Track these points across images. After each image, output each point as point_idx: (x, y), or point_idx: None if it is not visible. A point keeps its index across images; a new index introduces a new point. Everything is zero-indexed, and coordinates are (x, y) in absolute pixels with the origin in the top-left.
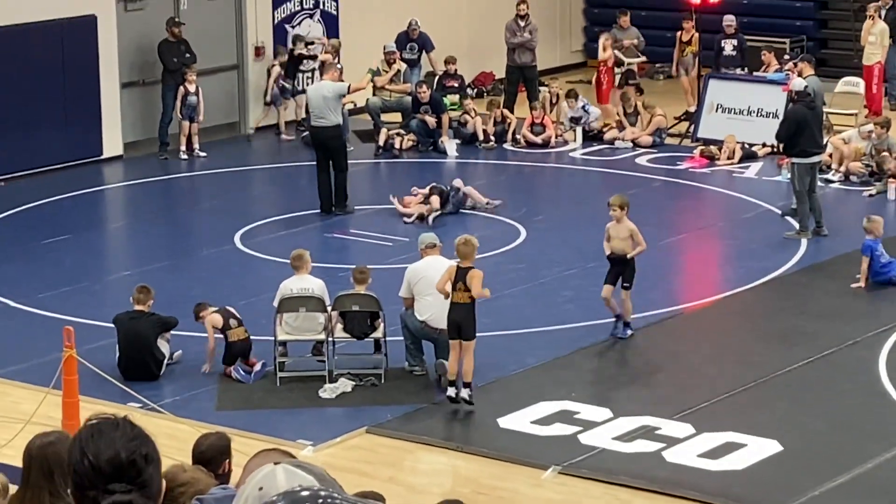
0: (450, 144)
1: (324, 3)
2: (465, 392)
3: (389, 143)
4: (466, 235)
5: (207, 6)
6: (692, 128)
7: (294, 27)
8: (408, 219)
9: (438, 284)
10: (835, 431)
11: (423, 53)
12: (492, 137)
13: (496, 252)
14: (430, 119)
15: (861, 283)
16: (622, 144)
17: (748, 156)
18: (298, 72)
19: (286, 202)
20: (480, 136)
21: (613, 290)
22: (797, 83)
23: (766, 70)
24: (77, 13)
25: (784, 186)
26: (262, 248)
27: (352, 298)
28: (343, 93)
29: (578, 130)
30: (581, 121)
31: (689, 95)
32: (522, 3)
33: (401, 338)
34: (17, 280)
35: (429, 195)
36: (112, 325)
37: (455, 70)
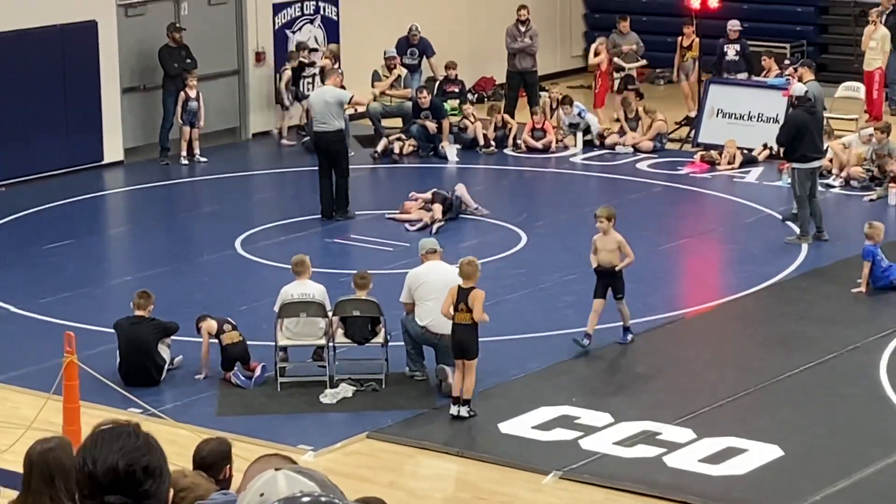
0: (450, 150)
1: (324, 9)
2: (465, 409)
3: (389, 149)
4: (470, 257)
5: (208, 11)
6: (693, 133)
7: (294, 32)
8: (411, 227)
9: (443, 308)
10: (836, 436)
11: (424, 59)
12: (492, 142)
13: (497, 257)
14: (431, 124)
15: (862, 288)
16: (623, 149)
17: (748, 161)
18: (301, 77)
19: (287, 207)
20: (481, 141)
21: (605, 304)
22: (797, 88)
23: (767, 75)
24: (77, 19)
25: (785, 191)
26: (263, 254)
27: (353, 303)
28: (344, 101)
29: (579, 135)
30: (580, 126)
31: (690, 100)
32: (523, 9)
33: (401, 343)
34: (18, 285)
35: (431, 202)
36: (113, 331)
37: (455, 75)
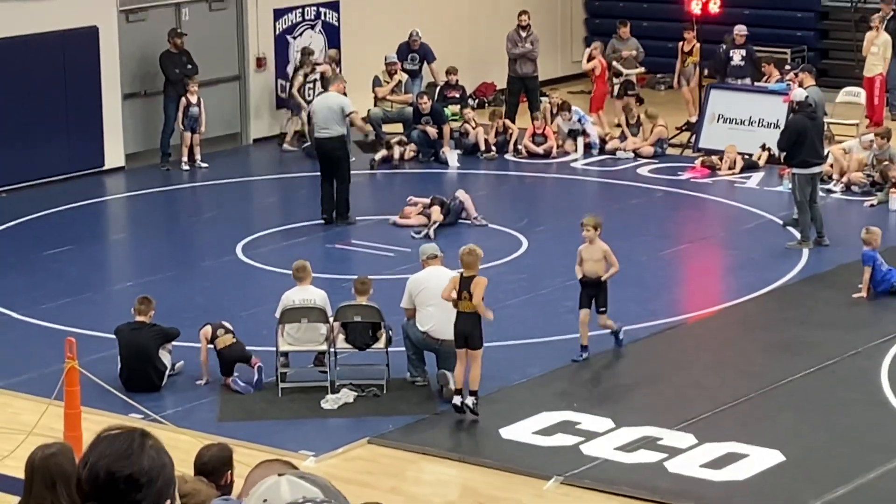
0: (451, 155)
1: (325, 14)
2: (470, 400)
3: (389, 155)
4: (470, 245)
5: (209, 17)
6: (693, 138)
7: (295, 38)
8: (416, 234)
9: (443, 293)
10: (837, 442)
11: (425, 64)
12: (493, 148)
13: (498, 262)
14: (432, 129)
15: (863, 293)
16: (623, 155)
17: (749, 166)
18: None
19: (288, 213)
20: (482, 147)
21: (590, 314)
22: (798, 93)
23: (768, 80)
24: (78, 24)
25: (785, 197)
26: (264, 259)
27: (354, 309)
28: (346, 110)
29: (580, 141)
30: (580, 132)
31: (691, 106)
32: (524, 14)
33: (402, 348)
34: (19, 291)
35: (430, 205)
36: (114, 337)
37: (456, 81)
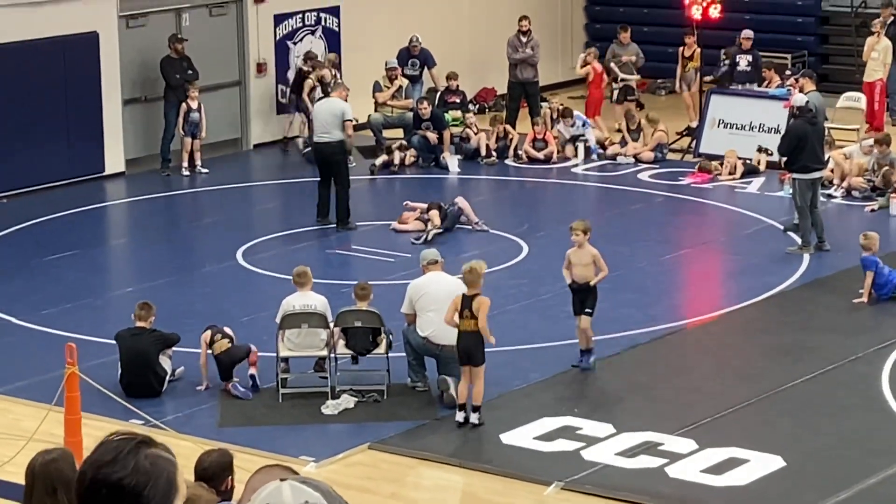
0: (451, 160)
1: (325, 20)
2: (475, 416)
3: (389, 161)
4: (472, 263)
5: (209, 22)
6: (694, 143)
7: (296, 44)
8: (417, 240)
9: (446, 317)
10: (838, 447)
11: (425, 69)
12: (493, 153)
13: (498, 268)
14: (432, 135)
15: (863, 299)
16: (624, 160)
17: (750, 171)
18: (303, 89)
19: (288, 218)
20: (483, 152)
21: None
22: (798, 99)
23: (768, 86)
24: (79, 30)
25: (786, 202)
26: (265, 265)
27: (354, 314)
28: (346, 116)
29: (580, 146)
30: (581, 138)
31: (691, 111)
32: (524, 20)
33: (403, 354)
34: (20, 297)
35: (427, 210)
36: (114, 342)
37: (457, 86)
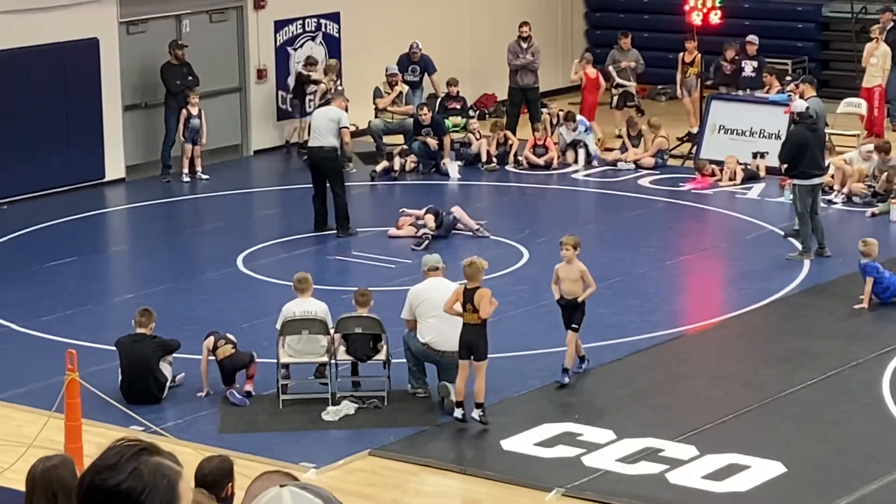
0: (452, 166)
1: (326, 26)
2: (476, 413)
3: (390, 167)
4: (472, 257)
5: (210, 29)
6: (694, 149)
7: (296, 50)
8: (416, 247)
9: (445, 305)
10: (838, 453)
11: (425, 75)
12: (494, 159)
13: (499, 274)
14: (432, 141)
15: (864, 304)
16: (624, 166)
17: (750, 177)
18: (305, 94)
19: (288, 224)
20: (484, 158)
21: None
22: (798, 105)
23: (769, 91)
24: (79, 36)
25: (786, 207)
26: (265, 271)
27: (355, 321)
28: (341, 124)
29: (581, 151)
30: (580, 144)
31: (692, 116)
32: (525, 26)
33: (403, 360)
34: (20, 303)
35: (424, 215)
36: (114, 349)
37: (457, 92)
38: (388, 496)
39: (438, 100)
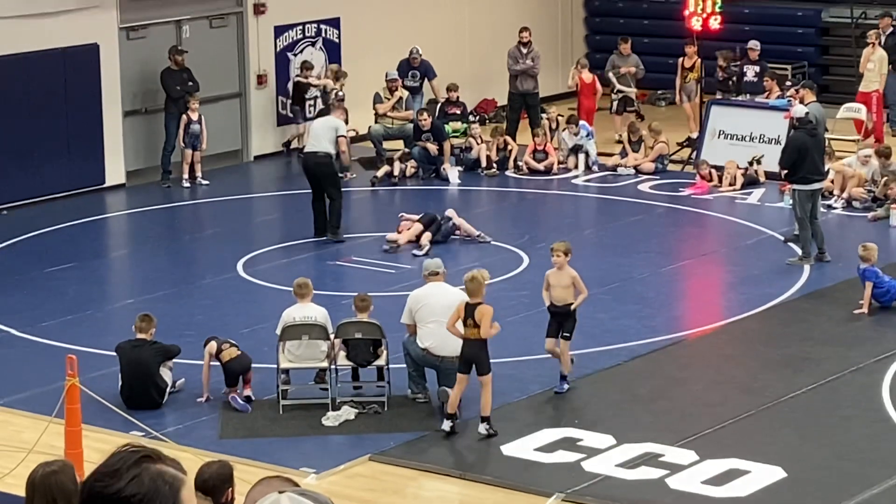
0: (452, 172)
1: (326, 31)
2: (483, 427)
3: (390, 172)
4: (474, 272)
5: (210, 34)
6: (694, 154)
7: (296, 55)
8: (419, 251)
9: (448, 323)
10: (838, 458)
11: (425, 81)
12: (494, 164)
13: (499, 279)
14: (432, 146)
15: (864, 310)
16: (624, 171)
17: (750, 182)
18: (305, 99)
19: (288, 230)
20: (484, 163)
21: (556, 342)
22: (798, 110)
23: (768, 96)
24: (79, 42)
25: (786, 212)
26: (265, 276)
27: (355, 326)
28: (339, 131)
29: (581, 157)
30: (583, 148)
31: (692, 122)
32: (525, 31)
33: (403, 365)
34: (20, 309)
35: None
36: (115, 354)
37: (457, 97)
38: (388, 501)
39: (438, 105)
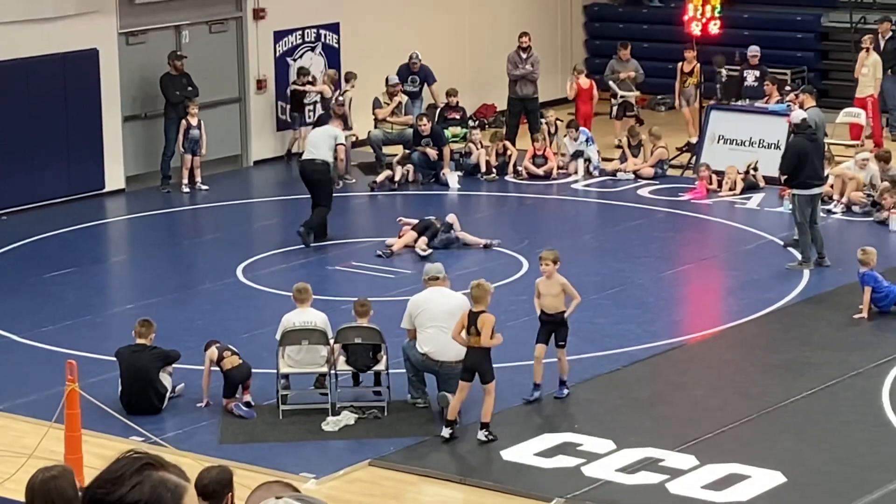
0: (451, 177)
1: (325, 36)
2: (483, 433)
3: (389, 177)
4: (480, 279)
5: (209, 39)
6: (694, 159)
7: (296, 60)
8: (423, 251)
9: (453, 332)
10: (838, 462)
11: (425, 86)
12: (494, 169)
13: (499, 284)
14: (432, 151)
15: (863, 314)
16: (624, 176)
17: (750, 186)
18: (303, 105)
19: (288, 235)
20: (483, 168)
21: (546, 350)
22: (796, 115)
23: (768, 101)
24: (79, 47)
25: (786, 217)
26: (264, 281)
27: (355, 331)
28: (337, 140)
29: (580, 162)
30: (584, 154)
31: (690, 126)
32: (524, 36)
33: (403, 370)
34: (20, 314)
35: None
36: (114, 359)
37: (457, 102)
38: None
39: (438, 110)
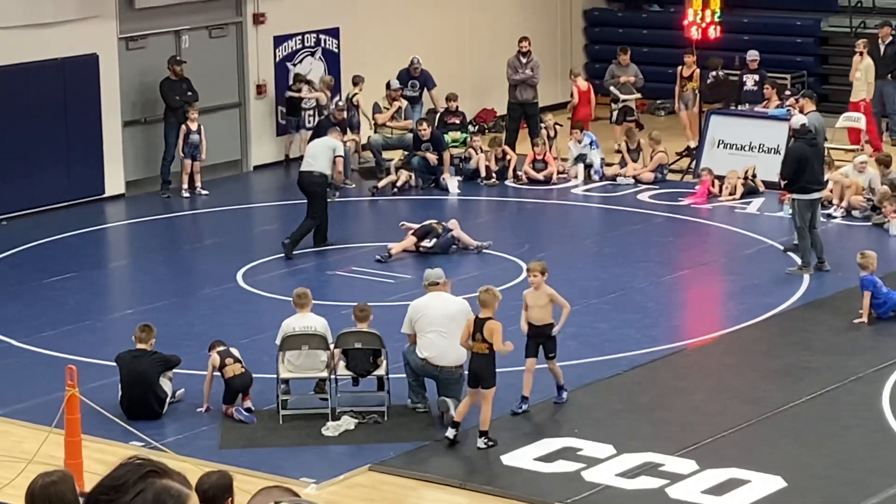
0: (451, 181)
1: (325, 41)
2: (482, 441)
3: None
4: (489, 285)
5: (209, 44)
6: (694, 163)
7: (296, 65)
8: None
9: (461, 340)
10: (838, 467)
11: (425, 91)
12: (493, 174)
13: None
14: (432, 156)
15: (863, 318)
16: (624, 181)
17: (750, 191)
18: (301, 109)
19: None
20: (483, 173)
21: (536, 362)
22: (795, 120)
23: (768, 106)
24: (79, 52)
25: (786, 222)
26: (265, 286)
27: (355, 336)
28: (337, 151)
29: (580, 166)
30: (586, 158)
31: (689, 130)
32: (524, 41)
33: (403, 375)
34: (20, 319)
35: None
36: (114, 364)
37: (456, 107)
38: None
39: (438, 115)
